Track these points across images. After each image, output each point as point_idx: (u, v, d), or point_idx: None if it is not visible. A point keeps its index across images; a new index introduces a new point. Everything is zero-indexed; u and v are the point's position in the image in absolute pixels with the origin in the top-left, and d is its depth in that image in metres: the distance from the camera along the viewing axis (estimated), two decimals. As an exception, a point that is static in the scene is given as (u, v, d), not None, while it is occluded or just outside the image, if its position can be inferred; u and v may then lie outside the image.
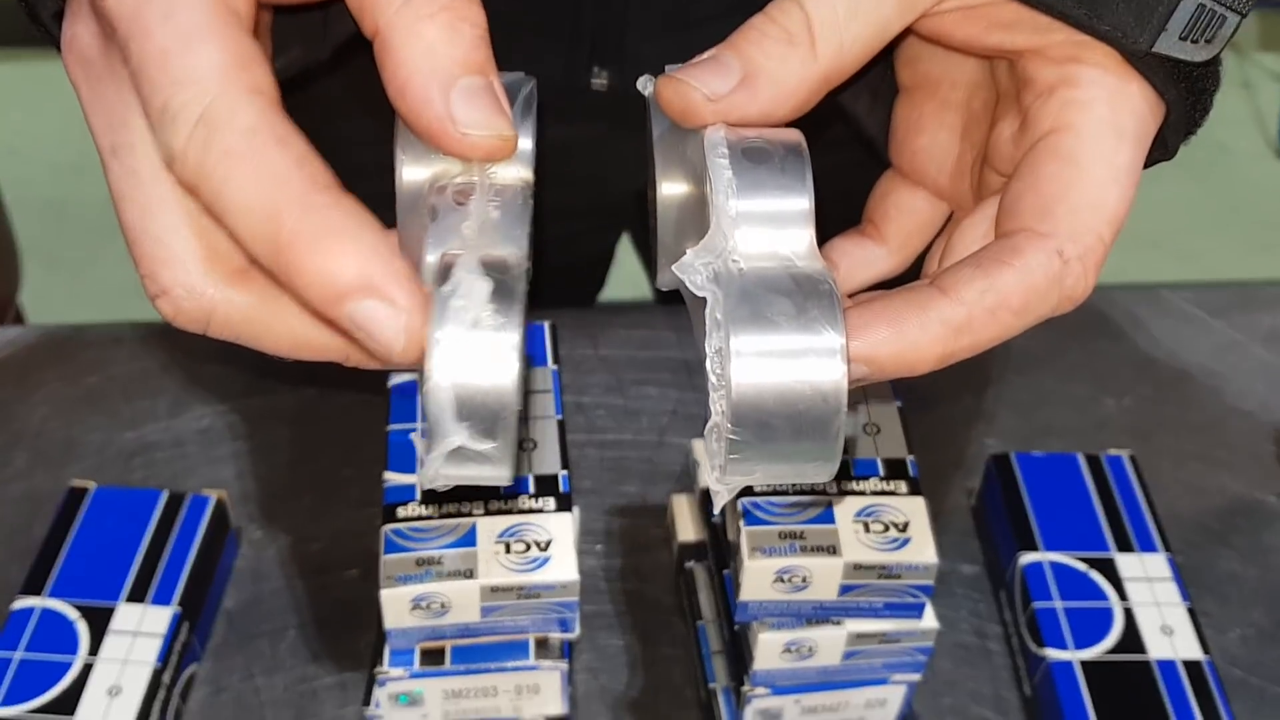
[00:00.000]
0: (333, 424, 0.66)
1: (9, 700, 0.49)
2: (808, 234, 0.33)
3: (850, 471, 0.47)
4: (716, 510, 0.36)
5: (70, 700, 0.49)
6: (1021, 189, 0.36)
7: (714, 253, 0.33)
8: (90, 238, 1.92)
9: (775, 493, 0.45)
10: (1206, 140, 0.37)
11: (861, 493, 0.45)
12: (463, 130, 0.32)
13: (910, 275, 0.40)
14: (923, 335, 0.33)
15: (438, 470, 0.31)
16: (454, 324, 0.30)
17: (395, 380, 0.51)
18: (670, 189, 0.38)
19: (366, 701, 0.46)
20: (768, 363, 0.30)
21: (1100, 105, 0.35)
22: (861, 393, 0.50)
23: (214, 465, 0.63)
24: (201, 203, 0.31)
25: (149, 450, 0.64)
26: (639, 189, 0.78)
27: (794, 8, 0.34)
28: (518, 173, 0.35)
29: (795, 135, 0.35)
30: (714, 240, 0.33)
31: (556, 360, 0.51)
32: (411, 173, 0.34)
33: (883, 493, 0.45)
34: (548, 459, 0.46)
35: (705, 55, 0.35)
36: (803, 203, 0.33)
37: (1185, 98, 0.36)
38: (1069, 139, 0.35)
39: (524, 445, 0.47)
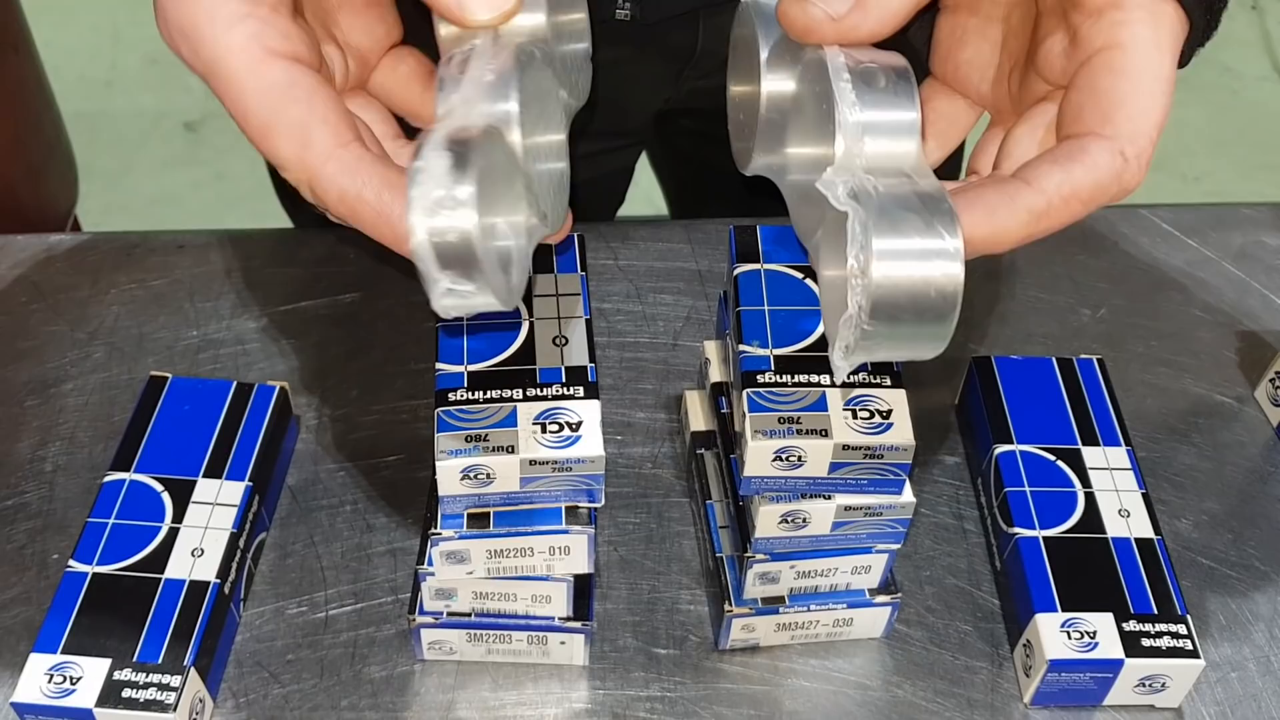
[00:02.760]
0: (376, 325, 0.72)
1: (105, 560, 0.56)
2: (916, 143, 0.39)
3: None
4: (839, 380, 0.42)
5: (160, 559, 0.56)
6: (1081, 100, 0.41)
7: (850, 171, 0.38)
8: (122, 149, 1.96)
9: (776, 384, 0.51)
10: (1213, 63, 0.43)
11: (851, 385, 0.51)
12: (471, 16, 0.41)
13: (944, 166, 0.46)
14: (1011, 220, 0.39)
15: (440, 304, 0.38)
16: (421, 187, 0.36)
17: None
18: (774, 86, 0.44)
19: (421, 561, 0.53)
20: (902, 264, 0.36)
21: (1143, 25, 0.41)
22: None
23: (271, 360, 0.70)
24: None
25: (213, 346, 0.70)
26: (657, 111, 0.84)
27: None
28: (531, 21, 0.43)
29: (901, 59, 0.41)
30: (848, 159, 0.39)
31: (584, 268, 0.57)
32: (446, 30, 0.44)
33: (869, 385, 0.51)
34: (577, 353, 0.53)
35: None
36: (913, 115, 0.40)
37: (1205, 16, 0.42)
38: (1120, 55, 0.41)
39: (556, 341, 0.53)
